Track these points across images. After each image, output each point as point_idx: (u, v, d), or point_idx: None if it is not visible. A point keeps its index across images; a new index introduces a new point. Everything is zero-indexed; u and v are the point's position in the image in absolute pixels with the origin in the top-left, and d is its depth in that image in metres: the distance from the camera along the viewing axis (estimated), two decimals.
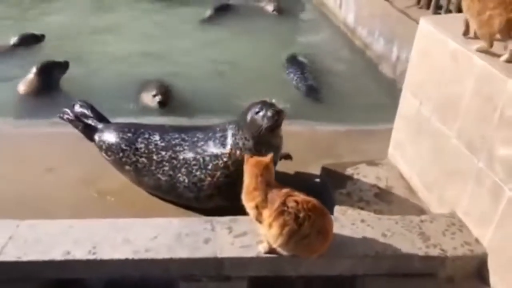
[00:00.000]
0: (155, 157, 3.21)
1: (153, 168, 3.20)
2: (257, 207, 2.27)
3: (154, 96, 5.07)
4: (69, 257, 2.34)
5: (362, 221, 2.64)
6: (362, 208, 2.97)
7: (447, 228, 2.58)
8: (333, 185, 3.18)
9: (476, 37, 2.52)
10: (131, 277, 2.57)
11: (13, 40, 6.46)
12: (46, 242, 2.43)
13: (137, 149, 3.27)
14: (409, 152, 3.18)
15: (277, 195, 2.25)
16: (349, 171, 3.35)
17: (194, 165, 3.08)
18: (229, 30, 7.63)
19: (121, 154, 3.30)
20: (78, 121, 3.57)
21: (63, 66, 5.40)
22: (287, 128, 3.24)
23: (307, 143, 4.15)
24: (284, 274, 2.47)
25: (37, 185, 3.48)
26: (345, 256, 2.42)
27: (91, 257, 2.34)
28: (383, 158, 3.55)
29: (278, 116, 2.88)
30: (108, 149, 3.37)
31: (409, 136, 3.15)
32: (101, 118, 3.61)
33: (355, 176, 3.28)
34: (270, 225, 2.25)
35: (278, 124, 2.92)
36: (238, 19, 8.18)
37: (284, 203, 2.22)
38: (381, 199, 3.06)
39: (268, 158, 2.34)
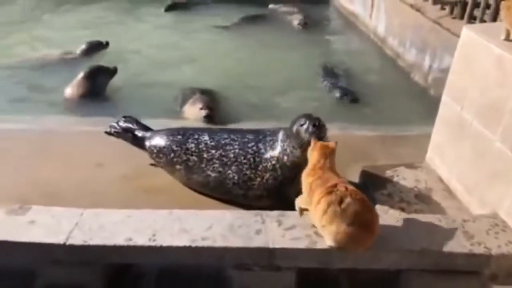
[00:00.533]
0: (205, 155, 3.38)
1: (203, 165, 3.37)
2: (312, 184, 2.50)
3: (201, 109, 4.98)
4: (132, 243, 2.51)
5: (406, 219, 2.74)
6: (403, 209, 3.07)
7: (490, 228, 2.66)
8: (373, 186, 3.29)
9: None
10: (184, 266, 2.74)
11: (82, 47, 7.01)
12: (108, 229, 2.60)
13: (187, 148, 3.46)
14: (448, 156, 3.27)
15: (333, 178, 2.48)
16: (388, 173, 3.46)
17: (245, 163, 3.24)
18: (256, 40, 7.85)
19: (172, 155, 3.50)
20: (126, 132, 3.83)
21: (111, 71, 5.65)
22: None
23: (342, 146, 4.23)
24: (332, 267, 2.59)
25: (88, 180, 3.68)
26: (391, 250, 2.52)
27: (152, 243, 2.51)
28: (420, 162, 3.65)
29: (319, 131, 3.04)
30: (159, 151, 3.58)
31: (449, 140, 3.25)
32: (147, 129, 3.85)
33: (395, 178, 3.39)
34: (318, 201, 2.44)
35: (320, 138, 3.02)
36: (266, 30, 8.42)
37: (335, 186, 2.42)
38: (421, 200, 3.15)
39: (334, 144, 2.61)
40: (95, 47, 7.03)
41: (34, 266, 2.66)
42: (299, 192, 2.70)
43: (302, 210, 2.65)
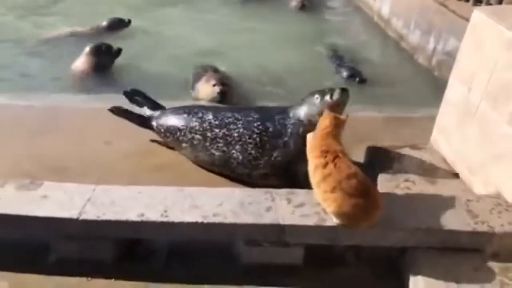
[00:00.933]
0: (209, 134, 3.41)
1: (207, 144, 3.40)
2: (312, 144, 2.67)
3: (214, 85, 4.85)
4: (144, 218, 2.56)
5: (412, 198, 2.81)
6: (408, 188, 3.12)
7: (494, 207, 2.72)
8: (379, 166, 3.34)
9: None
10: (194, 242, 2.80)
11: (103, 23, 7.04)
12: (120, 204, 2.65)
13: (192, 127, 3.48)
14: (454, 137, 3.31)
15: (331, 145, 2.60)
16: (393, 153, 3.50)
17: (250, 143, 3.26)
18: (256, 21, 7.78)
19: (178, 134, 3.54)
20: (131, 114, 3.86)
21: (115, 52, 5.60)
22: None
23: (347, 127, 4.31)
24: (339, 244, 2.66)
25: (96, 157, 3.71)
26: (397, 228, 2.59)
27: (164, 219, 2.56)
28: (424, 143, 3.69)
29: (344, 95, 3.17)
30: (166, 131, 3.63)
31: (455, 121, 3.28)
32: (154, 104, 3.85)
33: (400, 158, 3.43)
34: (311, 164, 2.61)
35: (342, 103, 3.20)
36: (267, 10, 8.34)
37: (327, 152, 2.54)
38: (426, 180, 3.20)
39: (345, 116, 2.75)
40: (117, 25, 7.04)
41: (47, 241, 2.71)
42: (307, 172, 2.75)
43: None
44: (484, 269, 2.52)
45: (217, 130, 3.39)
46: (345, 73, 5.61)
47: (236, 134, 3.32)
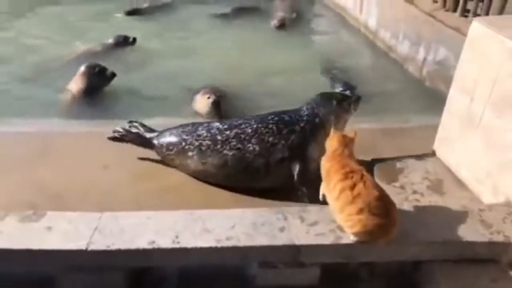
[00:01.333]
0: (219, 137, 3.42)
1: (218, 147, 3.40)
2: (330, 168, 2.59)
3: (208, 98, 5.09)
4: (155, 245, 2.47)
5: (423, 210, 2.79)
6: (417, 200, 3.11)
7: (506, 216, 2.72)
8: (386, 179, 3.32)
9: None
10: (206, 266, 2.72)
11: (109, 40, 7.02)
12: (129, 232, 2.56)
13: (199, 135, 3.49)
14: (457, 147, 3.33)
15: (350, 164, 2.55)
16: (398, 165, 3.50)
17: (267, 133, 3.32)
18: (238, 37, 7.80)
19: (183, 144, 3.51)
20: (131, 134, 3.82)
21: (109, 76, 5.49)
22: None
23: None
24: (356, 261, 2.62)
25: (95, 182, 3.60)
26: (414, 242, 2.56)
27: (176, 245, 2.48)
28: (427, 153, 3.70)
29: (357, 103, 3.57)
30: (169, 144, 3.57)
31: (458, 131, 3.30)
32: (154, 131, 3.83)
33: (405, 170, 3.43)
34: (334, 187, 2.51)
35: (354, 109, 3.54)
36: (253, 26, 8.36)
37: (352, 172, 2.49)
38: (434, 191, 3.20)
39: (353, 134, 2.70)
40: (121, 43, 7.01)
41: (54, 274, 2.60)
42: (321, 154, 2.81)
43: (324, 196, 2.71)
44: (502, 280, 2.51)
45: (227, 132, 3.41)
46: (340, 89, 5.64)
47: (250, 130, 3.37)
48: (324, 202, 2.72)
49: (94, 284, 2.57)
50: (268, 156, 3.28)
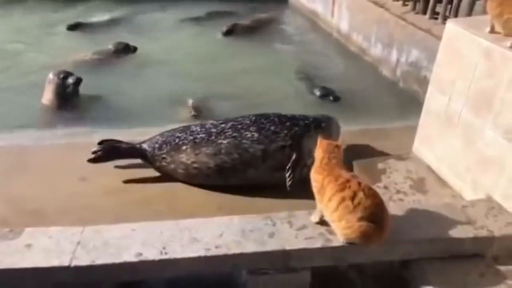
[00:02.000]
0: (214, 130, 3.49)
1: (212, 138, 3.46)
2: (323, 180, 2.49)
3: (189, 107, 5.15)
4: (143, 258, 2.40)
5: (408, 209, 2.82)
6: (401, 200, 3.16)
7: (488, 211, 2.78)
8: (369, 180, 3.35)
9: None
10: (195, 276, 2.66)
11: (110, 47, 6.87)
12: (114, 245, 2.47)
13: (192, 131, 3.55)
14: (437, 145, 3.39)
15: (343, 174, 2.49)
16: (380, 166, 3.54)
17: (268, 123, 3.43)
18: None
19: (177, 140, 3.54)
20: (113, 151, 3.77)
21: (75, 82, 5.29)
22: None
23: None
24: (346, 263, 2.62)
25: (73, 195, 3.49)
26: (403, 241, 2.58)
27: (164, 257, 2.41)
28: (407, 153, 3.76)
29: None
30: (162, 143, 3.59)
31: (437, 130, 3.37)
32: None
33: (387, 171, 3.48)
34: (330, 199, 2.45)
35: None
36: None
37: (348, 181, 2.43)
38: (417, 190, 3.26)
39: (340, 141, 2.66)
40: (122, 50, 6.87)
41: None
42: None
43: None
44: (489, 274, 2.55)
45: (223, 125, 3.50)
46: (318, 93, 5.68)
47: (248, 121, 3.47)
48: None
49: None
50: (268, 143, 3.36)
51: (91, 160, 3.69)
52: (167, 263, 2.41)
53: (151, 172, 3.73)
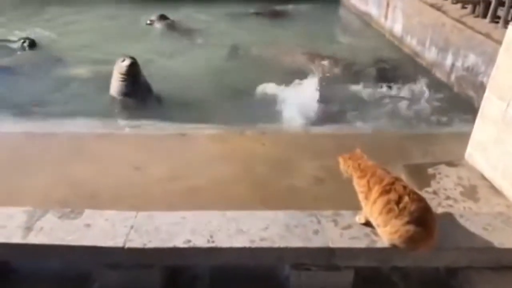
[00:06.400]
0: None
1: None
2: (368, 183, 2.47)
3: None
4: (191, 245, 2.50)
5: (459, 216, 2.75)
6: (451, 206, 3.07)
7: None
8: (417, 184, 3.29)
9: None
10: (239, 266, 2.73)
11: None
12: (165, 231, 2.59)
13: None
14: (492, 153, 3.27)
15: (387, 174, 2.47)
16: (430, 171, 3.47)
17: None
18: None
19: None
20: None
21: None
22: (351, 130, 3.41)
23: (377, 144, 4.27)
24: (390, 265, 2.60)
25: (129, 183, 3.67)
26: (450, 248, 2.52)
27: (211, 245, 2.50)
28: (458, 159, 3.66)
29: None
30: None
31: (493, 136, 3.25)
32: None
33: (437, 176, 3.40)
34: (374, 201, 2.43)
35: None
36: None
37: (393, 183, 2.40)
38: (468, 197, 3.16)
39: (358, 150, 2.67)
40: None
41: (89, 270, 2.65)
42: None
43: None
44: None
45: None
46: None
47: None
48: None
49: (129, 282, 2.61)
50: None
51: None
52: (214, 252, 2.49)
53: (201, 163, 3.85)
